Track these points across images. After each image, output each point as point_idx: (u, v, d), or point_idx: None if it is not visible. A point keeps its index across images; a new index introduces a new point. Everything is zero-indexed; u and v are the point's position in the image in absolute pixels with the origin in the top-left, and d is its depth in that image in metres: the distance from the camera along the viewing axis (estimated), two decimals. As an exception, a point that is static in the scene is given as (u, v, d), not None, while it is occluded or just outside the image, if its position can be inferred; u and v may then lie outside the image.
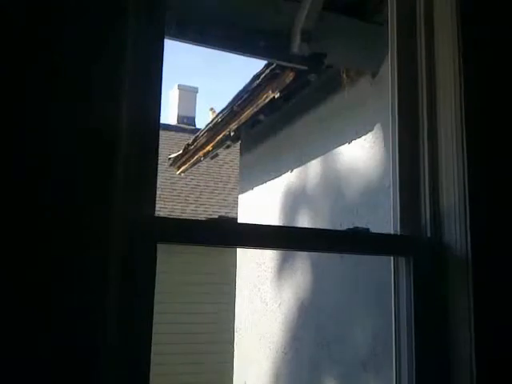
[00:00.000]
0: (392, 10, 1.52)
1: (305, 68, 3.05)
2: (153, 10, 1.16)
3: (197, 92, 14.07)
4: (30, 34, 0.97)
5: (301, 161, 3.99)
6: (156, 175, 1.13)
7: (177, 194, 9.58)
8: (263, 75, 3.60)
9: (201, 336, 7.85)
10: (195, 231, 1.15)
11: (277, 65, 3.34)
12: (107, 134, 1.01)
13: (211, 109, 9.55)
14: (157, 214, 1.14)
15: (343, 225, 3.29)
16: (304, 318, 3.73)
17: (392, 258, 1.40)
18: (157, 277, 1.08)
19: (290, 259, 4.03)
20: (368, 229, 1.38)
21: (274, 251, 4.22)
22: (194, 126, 13.18)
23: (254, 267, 4.66)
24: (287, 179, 4.21)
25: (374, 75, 3.04)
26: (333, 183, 3.53)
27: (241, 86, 4.11)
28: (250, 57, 2.82)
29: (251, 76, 3.83)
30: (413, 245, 1.38)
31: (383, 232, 1.48)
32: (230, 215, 9.07)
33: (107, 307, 0.94)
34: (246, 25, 2.52)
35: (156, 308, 1.06)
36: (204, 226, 1.19)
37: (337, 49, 2.82)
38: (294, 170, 4.09)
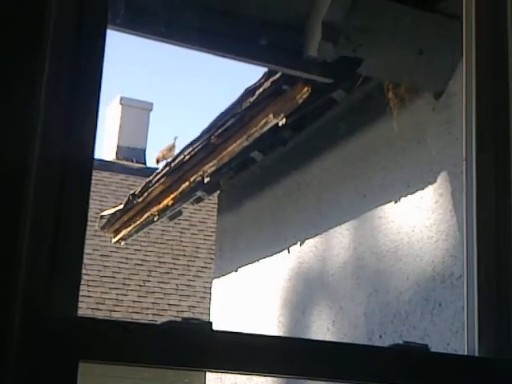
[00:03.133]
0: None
1: (328, 81, 3.12)
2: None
3: (151, 110, 14.30)
4: None
5: (317, 227, 4.00)
6: (82, 246, 1.13)
7: (110, 273, 9.52)
8: (261, 90, 3.67)
9: None
10: (140, 343, 1.14)
11: (283, 74, 3.42)
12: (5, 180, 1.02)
13: (175, 139, 9.69)
14: (79, 310, 1.13)
15: (385, 336, 3.26)
16: None
17: (466, 394, 1.39)
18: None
19: (295, 391, 3.96)
20: (426, 345, 1.37)
21: (270, 378, 4.14)
22: (144, 163, 13.29)
23: (235, 402, 4.56)
24: (294, 256, 4.21)
25: (437, 95, 3.11)
26: (368, 265, 3.52)
27: (225, 106, 4.19)
28: (241, 61, 2.88)
29: (241, 90, 3.90)
30: (499, 374, 1.38)
31: (450, 352, 1.46)
32: (196, 312, 8.97)
33: None
34: (238, 13, 2.60)
35: None
36: (157, 334, 1.17)
37: (379, 52, 2.89)
38: (306, 242, 4.10)
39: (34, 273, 1.06)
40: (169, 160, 5.31)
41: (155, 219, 5.43)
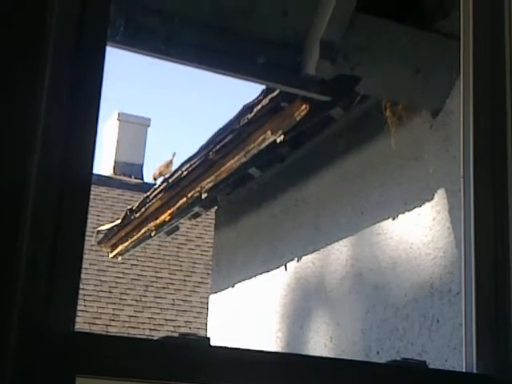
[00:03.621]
0: (466, 12, 1.59)
1: (326, 99, 3.13)
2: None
3: (148, 125, 14.32)
4: None
5: (314, 243, 4.00)
6: (81, 262, 1.13)
7: (107, 288, 9.50)
8: (259, 107, 3.68)
9: None
10: (138, 358, 1.14)
11: (281, 92, 3.43)
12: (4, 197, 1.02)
13: (173, 155, 9.71)
14: (76, 324, 1.13)
15: (382, 352, 3.25)
16: None
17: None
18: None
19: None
20: (424, 361, 1.37)
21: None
22: (142, 179, 13.28)
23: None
24: (291, 272, 4.20)
25: (434, 113, 3.12)
26: (366, 282, 3.52)
27: (223, 122, 4.20)
28: (240, 78, 2.89)
29: (240, 107, 3.91)
30: (497, 392, 1.37)
31: (449, 368, 1.46)
32: (192, 327, 8.94)
33: None
34: (237, 30, 2.61)
35: None
36: (155, 349, 1.17)
37: (377, 71, 2.90)
38: (303, 258, 4.09)
39: (32, 290, 1.06)
40: (166, 176, 5.32)
41: (152, 234, 5.42)
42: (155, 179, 9.49)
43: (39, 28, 1.09)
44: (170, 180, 4.94)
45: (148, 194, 5.30)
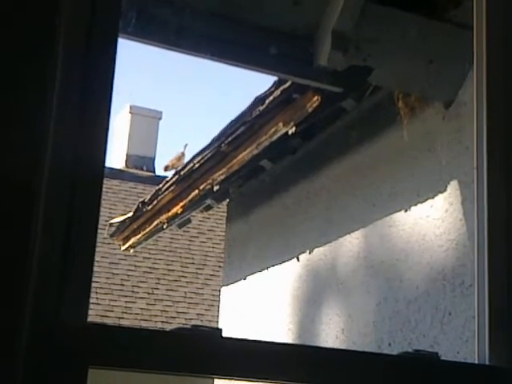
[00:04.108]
0: (479, 2, 1.58)
1: (338, 90, 3.13)
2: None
3: (160, 118, 14.35)
4: None
5: (326, 235, 4.00)
6: (93, 255, 1.13)
7: (119, 281, 9.53)
8: (271, 98, 3.68)
9: None
10: (151, 350, 1.14)
11: (293, 84, 3.43)
12: (17, 189, 1.02)
13: (185, 146, 9.72)
14: (89, 318, 1.13)
15: (394, 344, 3.25)
16: None
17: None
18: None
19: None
20: (436, 353, 1.36)
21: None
22: (153, 172, 13.32)
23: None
24: (303, 265, 4.20)
25: (447, 104, 3.11)
26: (378, 274, 3.52)
27: (235, 114, 4.20)
28: (252, 69, 2.89)
29: (251, 99, 3.91)
30: (510, 383, 1.37)
31: (461, 360, 1.46)
32: (204, 320, 8.97)
33: None
34: (247, 21, 2.61)
35: None
36: (167, 340, 1.17)
37: (389, 62, 2.89)
38: (316, 251, 4.10)
39: (45, 282, 1.07)
40: (178, 168, 5.34)
41: (164, 227, 5.44)
42: (167, 171, 9.52)
43: (49, 30, 1.09)
44: (182, 172, 4.95)
45: (160, 186, 5.32)
